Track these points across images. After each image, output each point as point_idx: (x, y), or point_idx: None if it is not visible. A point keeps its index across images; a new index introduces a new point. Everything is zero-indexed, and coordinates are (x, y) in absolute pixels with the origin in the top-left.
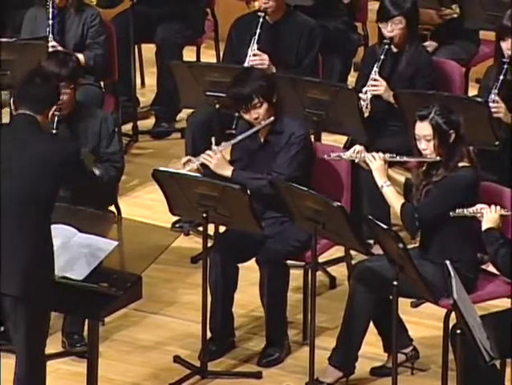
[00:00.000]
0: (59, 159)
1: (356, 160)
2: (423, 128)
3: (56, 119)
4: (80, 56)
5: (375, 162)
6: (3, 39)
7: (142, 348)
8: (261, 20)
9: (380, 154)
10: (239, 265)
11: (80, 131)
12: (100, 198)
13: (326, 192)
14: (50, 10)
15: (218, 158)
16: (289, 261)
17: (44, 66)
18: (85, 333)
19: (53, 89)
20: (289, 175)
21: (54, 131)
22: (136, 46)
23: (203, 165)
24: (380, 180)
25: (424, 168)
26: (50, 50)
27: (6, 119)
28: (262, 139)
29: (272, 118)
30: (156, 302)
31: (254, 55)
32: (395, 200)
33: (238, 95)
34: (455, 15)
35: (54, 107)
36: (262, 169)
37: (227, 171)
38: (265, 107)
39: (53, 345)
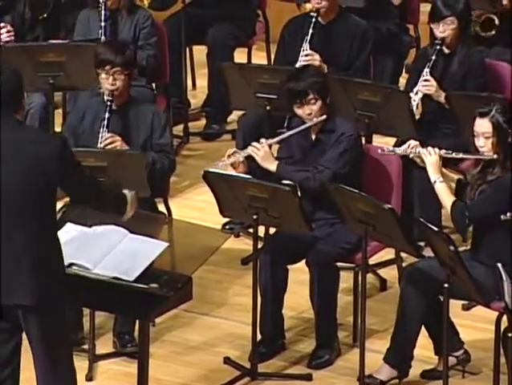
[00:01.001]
0: (47, 154)
1: (411, 156)
2: (482, 125)
3: (109, 104)
4: None
5: (431, 157)
6: (56, 41)
7: (192, 349)
8: (313, 20)
9: (436, 149)
10: (289, 266)
11: (132, 123)
12: (153, 186)
13: (376, 194)
14: (103, 12)
15: (266, 151)
16: (339, 263)
17: (100, 51)
18: (136, 333)
19: (17, 81)
20: (335, 170)
21: (106, 116)
22: (187, 48)
23: (248, 158)
24: (434, 175)
25: (479, 167)
26: None
27: (58, 120)
28: (313, 137)
29: (324, 116)
30: (206, 303)
31: (306, 55)
32: (446, 197)
33: (294, 89)
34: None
35: (25, 98)
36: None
37: (272, 165)
38: (318, 105)
39: (104, 345)
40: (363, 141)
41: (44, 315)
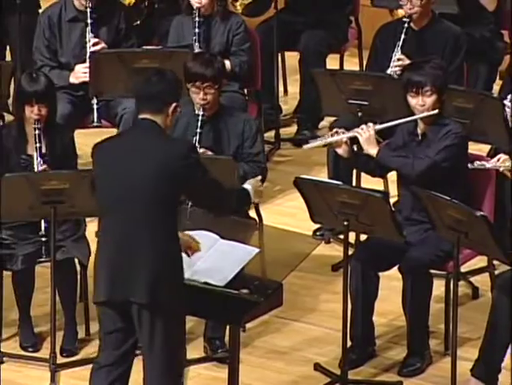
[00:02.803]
0: (174, 159)
1: (501, 169)
2: None
3: (200, 118)
4: (226, 62)
5: None
6: (150, 47)
7: (282, 355)
8: (406, 26)
9: None
10: (380, 273)
11: (223, 132)
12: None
13: (469, 201)
14: (196, 18)
15: (371, 134)
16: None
17: (189, 66)
18: (226, 339)
19: (171, 86)
20: (435, 160)
21: (198, 131)
22: (279, 54)
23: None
24: None
25: None
26: None
27: None
28: (419, 132)
29: (436, 111)
30: (296, 309)
31: (398, 60)
32: None
33: (413, 77)
34: None
35: (175, 104)
36: None
37: (374, 149)
38: (433, 98)
39: (194, 350)
40: None
41: (158, 315)
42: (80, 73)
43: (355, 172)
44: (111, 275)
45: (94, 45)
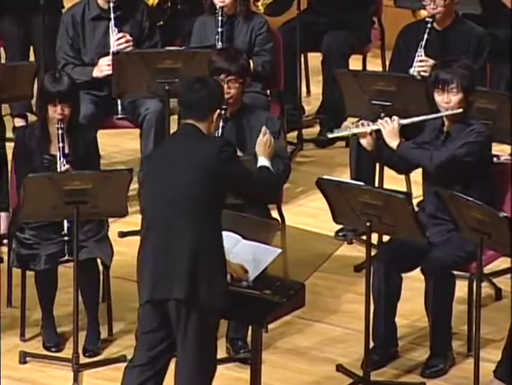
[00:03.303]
0: (208, 158)
1: None
2: None
3: (223, 112)
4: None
5: None
6: (172, 48)
7: (305, 355)
8: (429, 26)
9: None
10: (402, 274)
11: (246, 130)
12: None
13: (493, 201)
14: (219, 18)
15: (394, 127)
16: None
17: (214, 61)
18: (249, 339)
19: (213, 93)
20: (455, 154)
21: (221, 124)
22: (302, 55)
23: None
24: None
25: None
26: None
27: (174, 126)
28: (444, 129)
29: (460, 110)
30: (319, 310)
31: (421, 61)
32: None
33: (440, 75)
34: None
35: (218, 111)
36: None
37: (395, 141)
38: (459, 96)
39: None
40: None
41: (195, 312)
42: (104, 66)
43: (377, 172)
44: (153, 275)
45: (119, 39)
